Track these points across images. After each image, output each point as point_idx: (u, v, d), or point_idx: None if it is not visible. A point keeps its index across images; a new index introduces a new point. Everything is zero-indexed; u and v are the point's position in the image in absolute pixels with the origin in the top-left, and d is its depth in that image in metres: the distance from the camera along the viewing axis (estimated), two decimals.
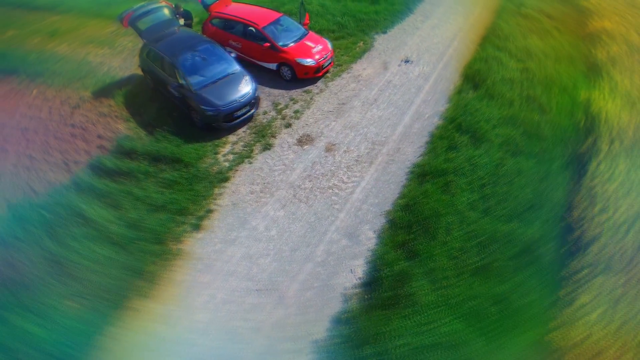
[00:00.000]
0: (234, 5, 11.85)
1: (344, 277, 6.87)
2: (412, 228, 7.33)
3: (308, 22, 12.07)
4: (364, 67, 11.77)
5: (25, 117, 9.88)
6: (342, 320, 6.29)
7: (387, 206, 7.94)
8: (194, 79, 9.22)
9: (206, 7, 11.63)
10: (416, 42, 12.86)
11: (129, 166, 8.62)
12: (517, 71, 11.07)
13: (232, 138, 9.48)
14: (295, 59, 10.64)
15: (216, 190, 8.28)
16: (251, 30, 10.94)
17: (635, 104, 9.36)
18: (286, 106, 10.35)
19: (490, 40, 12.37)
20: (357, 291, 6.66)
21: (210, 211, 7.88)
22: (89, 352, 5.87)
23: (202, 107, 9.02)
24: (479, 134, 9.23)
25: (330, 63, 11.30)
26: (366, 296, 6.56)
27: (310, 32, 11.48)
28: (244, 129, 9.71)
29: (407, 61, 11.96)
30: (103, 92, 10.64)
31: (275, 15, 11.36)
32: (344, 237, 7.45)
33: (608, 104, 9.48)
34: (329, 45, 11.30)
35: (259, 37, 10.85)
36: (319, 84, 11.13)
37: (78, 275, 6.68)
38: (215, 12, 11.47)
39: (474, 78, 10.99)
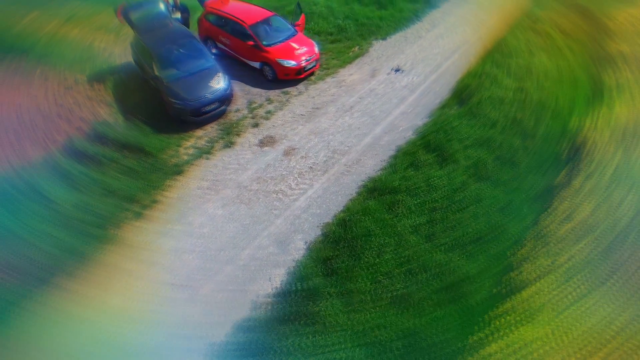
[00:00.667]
0: (231, 2, 12.02)
1: (260, 285, 6.78)
2: (340, 245, 7.07)
3: (301, 23, 11.98)
4: (350, 73, 11.49)
5: (23, 95, 10.69)
6: (243, 328, 6.23)
7: (327, 218, 7.71)
8: (168, 72, 9.50)
9: (202, 2, 11.90)
10: (414, 51, 12.34)
11: (97, 150, 9.04)
12: (510, 90, 10.28)
13: (199, 132, 9.65)
14: (277, 59, 10.60)
15: (168, 182, 8.47)
16: (239, 27, 11.04)
17: (624, 138, 8.33)
18: (260, 106, 10.36)
19: (492, 56, 11.60)
20: (268, 300, 6.55)
21: (155, 202, 8.09)
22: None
23: (171, 99, 9.27)
24: (448, 153, 8.69)
25: (314, 66, 11.15)
26: (274, 307, 6.44)
27: (299, 34, 11.38)
28: (213, 124, 9.85)
29: (397, 70, 11.51)
30: (96, 77, 11.25)
31: (266, 14, 11.38)
32: (273, 244, 7.34)
33: (596, 135, 8.53)
34: (315, 48, 11.14)
35: (246, 35, 10.93)
36: (300, 86, 11.02)
37: (15, 248, 7.15)
38: (210, 7, 11.70)
39: (461, 94, 10.37)
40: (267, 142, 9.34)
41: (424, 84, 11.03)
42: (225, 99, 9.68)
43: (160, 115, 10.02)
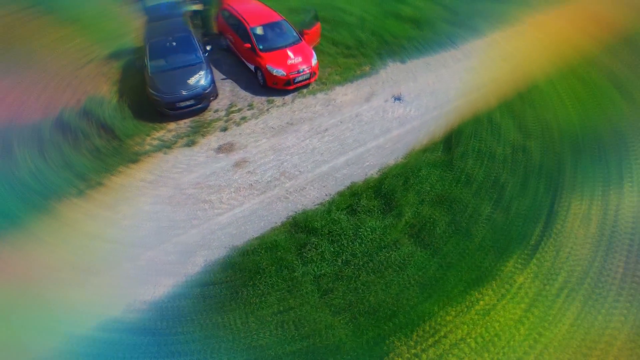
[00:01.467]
0: (250, 2, 11.98)
1: (144, 289, 6.78)
2: (230, 272, 6.76)
3: (313, 32, 11.53)
4: (345, 93, 10.80)
5: (49, 60, 11.96)
6: (108, 328, 6.31)
7: (239, 241, 7.41)
8: (154, 63, 9.86)
9: None
10: (429, 81, 11.16)
11: (79, 125, 9.78)
12: (509, 147, 8.78)
13: (171, 126, 9.92)
14: (267, 65, 10.38)
15: (120, 168, 8.87)
16: (242, 27, 11.01)
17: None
18: (239, 110, 10.28)
19: (512, 101, 9.99)
20: (139, 308, 6.56)
21: (100, 184, 8.52)
22: None
23: (150, 90, 9.64)
24: (396, 204, 7.76)
25: (308, 79, 10.69)
26: (141, 317, 6.42)
27: (302, 43, 10.97)
28: (187, 120, 10.05)
29: (398, 98, 10.53)
30: (116, 55, 12.16)
31: (273, 18, 11.16)
32: (177, 253, 7.29)
33: (582, 231, 6.84)
34: (312, 61, 10.65)
35: (247, 36, 10.86)
36: (289, 97, 10.67)
37: None
38: (226, 3, 11.84)
39: (450, 140, 9.13)
40: (225, 149, 9.25)
41: (419, 119, 9.94)
42: (202, 97, 9.78)
43: (146, 102, 10.45)
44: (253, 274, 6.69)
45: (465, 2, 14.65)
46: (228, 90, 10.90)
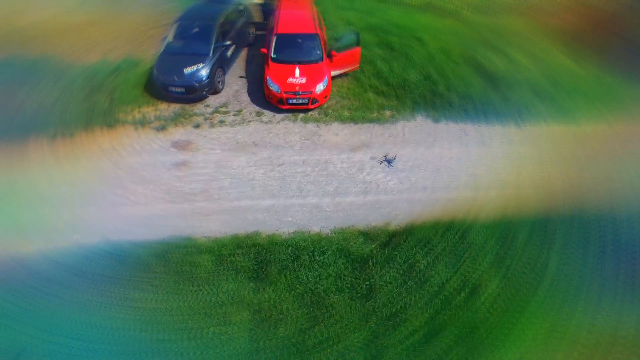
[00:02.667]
0: (304, 9, 11.17)
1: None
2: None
3: (348, 56, 10.19)
4: (338, 133, 9.34)
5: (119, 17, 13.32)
6: None
7: (113, 238, 7.21)
8: (170, 43, 10.12)
9: None
10: (446, 154, 8.91)
11: (100, 79, 10.69)
12: (443, 278, 6.30)
13: (163, 106, 10.06)
14: (267, 76, 9.64)
15: (95, 127, 9.45)
16: (271, 31, 10.43)
17: None
18: (225, 112, 9.88)
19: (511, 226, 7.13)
20: None
21: (71, 135, 9.22)
22: None
23: (153, 66, 10.00)
24: (267, 276, 6.43)
25: (305, 104, 9.56)
26: None
27: (321, 64, 9.81)
28: (178, 106, 10.08)
29: (388, 161, 8.64)
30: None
31: (306, 29, 10.18)
32: (59, 223, 7.45)
33: None
34: (317, 87, 9.47)
35: (269, 40, 10.25)
36: (279, 116, 9.79)
37: None
38: (280, 2, 11.39)
39: (394, 237, 7.07)
40: (180, 145, 9.04)
41: (392, 194, 7.99)
42: (192, 89, 9.67)
43: None
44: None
45: (575, 74, 10.99)
46: (234, 90, 10.59)
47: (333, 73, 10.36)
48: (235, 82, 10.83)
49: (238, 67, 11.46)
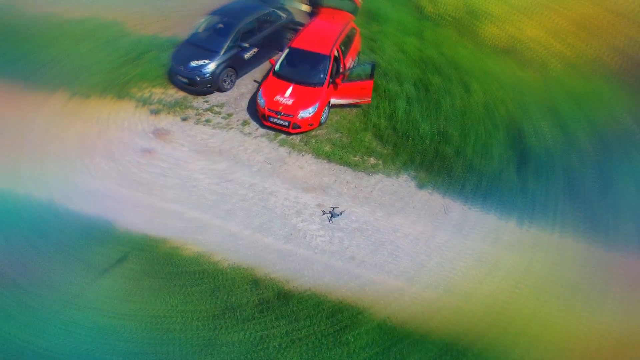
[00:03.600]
0: (340, 23, 10.40)
1: None
2: None
3: (342, 85, 9.27)
4: (302, 166, 8.71)
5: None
6: None
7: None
8: (194, 34, 10.44)
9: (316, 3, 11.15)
10: (400, 227, 7.74)
11: (146, 50, 11.59)
12: None
13: (171, 91, 10.49)
14: (260, 89, 9.32)
15: (108, 96, 10.31)
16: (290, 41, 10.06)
17: None
18: (217, 113, 9.93)
19: None
20: None
21: (86, 97, 10.22)
22: None
23: (171, 53, 10.54)
24: None
25: (286, 127, 9.07)
26: None
27: (320, 89, 9.17)
28: (182, 94, 10.39)
29: (333, 214, 7.75)
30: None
31: (320, 49, 9.46)
32: None
33: None
34: (301, 114, 8.91)
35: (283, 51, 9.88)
36: (262, 131, 9.51)
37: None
38: (320, 12, 10.92)
39: (284, 295, 6.30)
40: (158, 133, 9.37)
41: (312, 251, 7.18)
42: (195, 82, 9.88)
43: None
44: None
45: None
46: (239, 92, 10.54)
47: (336, 102, 9.59)
48: (245, 85, 10.77)
49: (260, 71, 11.35)
